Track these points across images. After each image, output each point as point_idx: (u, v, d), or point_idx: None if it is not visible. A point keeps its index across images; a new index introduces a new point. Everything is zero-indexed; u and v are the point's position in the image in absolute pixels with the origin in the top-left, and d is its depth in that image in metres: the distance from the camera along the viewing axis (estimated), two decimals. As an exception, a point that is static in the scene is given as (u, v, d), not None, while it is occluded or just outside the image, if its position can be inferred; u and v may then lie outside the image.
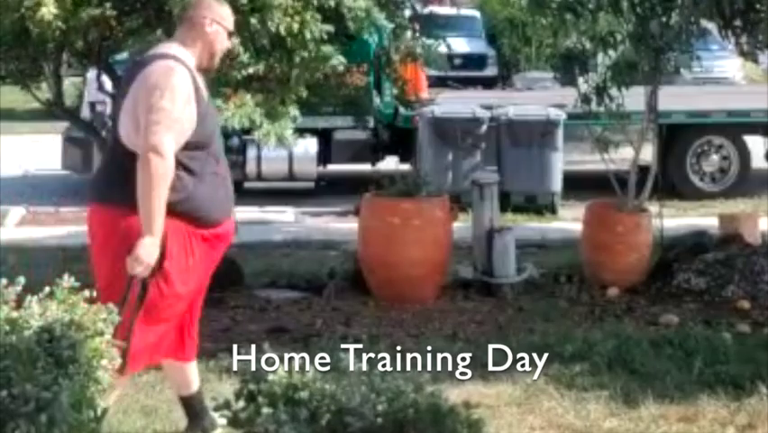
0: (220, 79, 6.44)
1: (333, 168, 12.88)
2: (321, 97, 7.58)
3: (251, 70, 6.49)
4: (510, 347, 6.51)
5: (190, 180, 4.59)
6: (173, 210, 4.51)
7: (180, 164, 4.52)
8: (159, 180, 4.37)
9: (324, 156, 12.53)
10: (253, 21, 6.14)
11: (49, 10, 6.09)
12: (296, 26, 6.20)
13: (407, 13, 9.33)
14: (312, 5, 6.32)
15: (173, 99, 4.43)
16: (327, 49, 6.45)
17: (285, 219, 11.25)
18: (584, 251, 8.38)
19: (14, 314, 3.99)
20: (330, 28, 6.37)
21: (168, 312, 4.70)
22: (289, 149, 6.88)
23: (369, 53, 11.19)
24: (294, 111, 6.65)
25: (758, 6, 7.52)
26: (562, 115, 11.61)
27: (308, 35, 6.31)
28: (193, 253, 4.68)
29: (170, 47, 4.68)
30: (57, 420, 3.75)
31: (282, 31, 6.23)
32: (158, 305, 4.60)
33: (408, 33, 9.60)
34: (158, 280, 4.54)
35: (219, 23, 4.73)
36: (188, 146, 4.55)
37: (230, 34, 4.83)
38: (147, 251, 4.43)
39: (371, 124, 12.48)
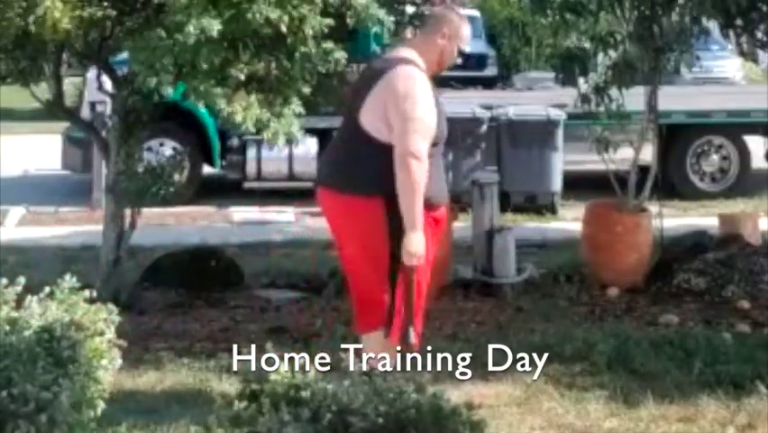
0: (220, 80, 6.44)
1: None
2: (322, 97, 7.56)
3: (251, 69, 6.48)
4: (510, 347, 6.52)
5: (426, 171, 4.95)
6: None
7: None
8: (419, 182, 4.83)
9: (325, 156, 12.53)
10: (249, 16, 6.13)
11: (58, 8, 6.09)
12: (287, 18, 6.18)
13: (410, 9, 9.31)
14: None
15: (424, 108, 4.91)
16: (328, 45, 6.44)
17: (285, 219, 11.25)
18: (584, 251, 8.38)
19: (14, 314, 4.00)
20: (330, 21, 6.36)
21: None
22: (291, 148, 6.90)
23: (370, 51, 11.18)
24: (297, 108, 6.65)
25: (760, 5, 7.52)
26: (562, 115, 11.61)
27: (309, 31, 6.30)
28: (428, 235, 5.01)
29: (409, 52, 5.10)
30: (57, 420, 3.75)
31: (283, 27, 6.22)
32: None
33: (409, 31, 9.59)
34: None
35: (452, 41, 5.12)
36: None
37: (461, 52, 5.17)
38: (417, 244, 4.85)
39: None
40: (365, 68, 5.54)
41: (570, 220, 10.78)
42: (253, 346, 5.61)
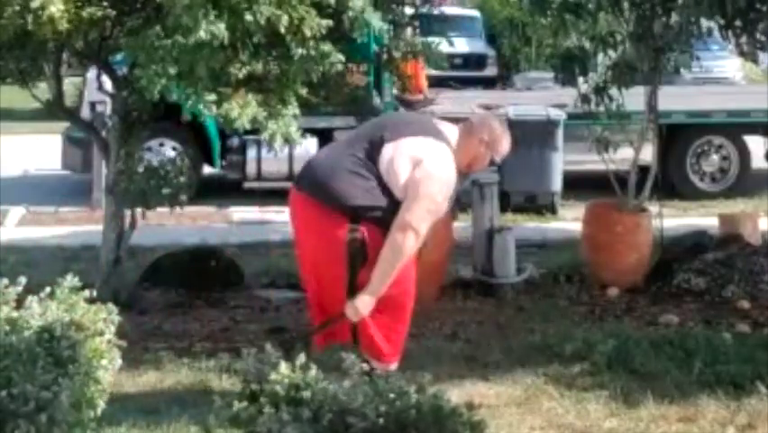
0: (219, 79, 6.44)
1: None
2: (322, 97, 7.56)
3: (250, 69, 6.48)
4: (510, 347, 6.52)
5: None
6: None
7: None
8: (406, 256, 4.87)
9: (325, 156, 12.51)
10: (248, 17, 6.13)
11: (57, 8, 6.09)
12: (286, 19, 6.18)
13: (408, 10, 9.31)
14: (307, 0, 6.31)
15: (444, 196, 4.93)
16: (327, 47, 6.44)
17: (285, 219, 11.22)
18: (584, 251, 8.38)
19: (14, 314, 4.00)
20: (329, 22, 6.36)
21: None
22: (293, 147, 6.91)
23: (369, 52, 11.18)
24: (294, 109, 6.64)
25: (759, 6, 7.51)
26: (562, 115, 11.60)
27: (307, 32, 6.30)
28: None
29: (451, 133, 5.08)
30: (57, 420, 3.76)
31: (281, 28, 6.22)
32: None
33: (409, 31, 9.59)
34: None
35: (489, 149, 5.09)
36: None
37: (492, 161, 5.18)
38: (366, 307, 4.89)
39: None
40: (407, 115, 5.50)
41: (570, 220, 10.78)
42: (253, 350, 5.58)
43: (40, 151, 14.40)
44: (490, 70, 21.56)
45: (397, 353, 5.10)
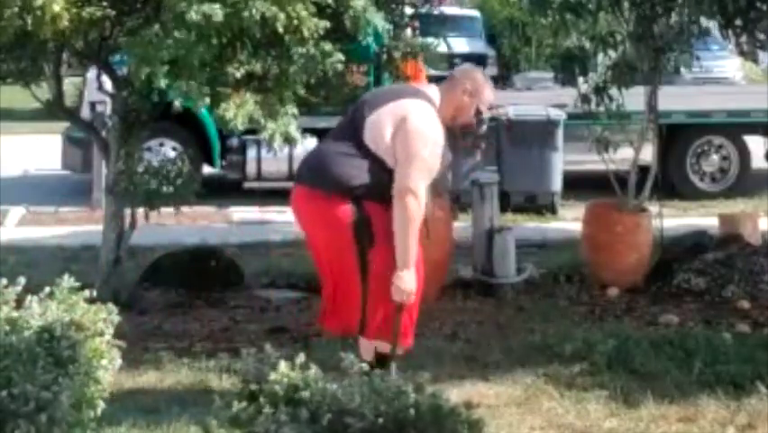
0: (218, 78, 6.44)
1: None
2: (322, 97, 7.56)
3: (248, 69, 6.48)
4: (510, 347, 6.52)
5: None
6: None
7: None
8: (414, 219, 4.91)
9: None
10: (246, 14, 6.13)
11: (60, 7, 6.09)
12: (283, 17, 6.17)
13: (408, 10, 9.31)
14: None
15: (432, 150, 4.95)
16: (327, 46, 6.44)
17: (285, 219, 11.24)
18: (584, 251, 8.38)
19: (14, 314, 3.99)
20: (326, 23, 6.36)
21: None
22: (294, 146, 6.91)
23: (369, 53, 11.18)
24: (293, 109, 6.63)
25: (759, 5, 7.52)
26: (562, 115, 11.60)
27: (305, 32, 6.30)
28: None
29: (433, 92, 5.14)
30: (57, 420, 3.75)
31: (279, 27, 6.22)
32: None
33: (408, 31, 9.60)
34: None
35: (473, 98, 5.17)
36: None
37: (478, 112, 5.22)
38: (408, 282, 4.96)
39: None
40: (383, 87, 5.58)
41: (570, 220, 10.78)
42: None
43: (40, 151, 14.40)
44: (490, 70, 21.50)
45: (408, 334, 5.18)
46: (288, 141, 6.66)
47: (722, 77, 19.53)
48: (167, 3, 6.14)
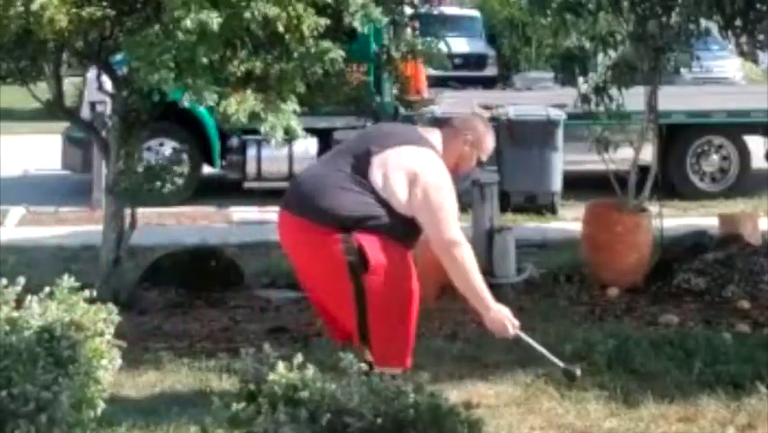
0: (218, 78, 6.44)
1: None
2: (322, 97, 7.56)
3: (249, 67, 6.48)
4: (510, 347, 6.51)
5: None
6: None
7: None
8: (470, 265, 4.87)
9: (325, 156, 12.51)
10: (247, 15, 6.13)
11: (58, 9, 6.10)
12: (284, 17, 6.18)
13: (408, 10, 9.31)
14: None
15: (452, 198, 4.96)
16: (326, 44, 6.44)
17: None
18: (584, 251, 8.38)
19: (14, 314, 4.00)
20: (326, 21, 6.36)
21: None
22: (295, 140, 6.91)
23: (369, 52, 11.18)
24: (293, 105, 6.63)
25: (758, 6, 7.52)
26: (562, 115, 11.60)
27: (306, 31, 6.30)
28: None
29: (436, 138, 5.08)
30: (57, 420, 3.76)
31: (279, 26, 6.23)
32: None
33: (408, 31, 9.60)
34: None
35: (474, 148, 5.16)
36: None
37: (479, 161, 5.23)
38: (494, 321, 4.92)
39: (371, 124, 12.46)
40: (390, 125, 5.49)
41: (570, 220, 10.78)
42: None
43: (40, 151, 14.40)
44: (490, 70, 21.54)
45: (403, 356, 5.02)
46: (289, 134, 6.64)
47: (722, 77, 19.52)
48: (167, 5, 6.14)
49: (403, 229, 4.89)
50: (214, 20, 6.00)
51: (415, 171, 4.86)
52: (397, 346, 4.96)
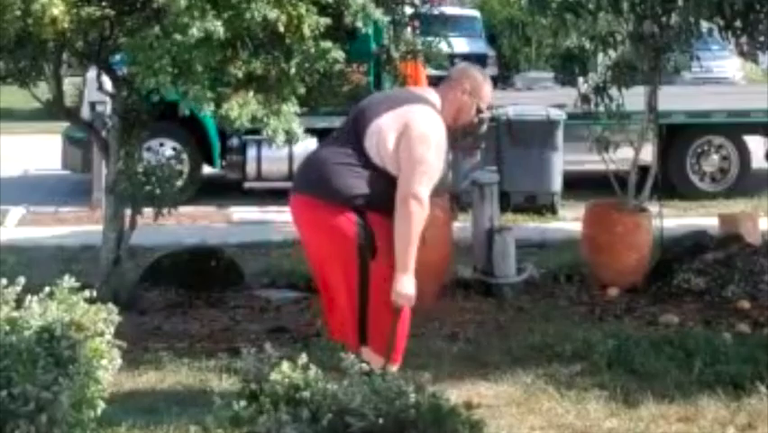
0: (219, 79, 6.44)
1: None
2: (322, 96, 7.56)
3: (249, 68, 6.49)
4: (510, 347, 6.52)
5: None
6: None
7: None
8: (417, 225, 4.84)
9: (324, 156, 12.50)
10: (248, 15, 6.13)
11: (59, 9, 6.10)
12: (285, 18, 6.18)
13: (408, 10, 9.31)
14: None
15: (436, 154, 4.90)
16: (326, 44, 6.44)
17: (285, 219, 11.23)
18: (584, 251, 8.38)
19: (14, 314, 4.00)
20: (327, 21, 6.36)
21: None
22: (295, 142, 6.90)
23: (369, 52, 11.19)
24: (294, 107, 6.63)
25: (758, 7, 7.52)
26: (562, 115, 11.60)
27: (306, 31, 6.30)
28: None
29: (434, 96, 5.09)
30: (57, 420, 3.75)
31: (280, 27, 6.23)
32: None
33: (408, 31, 9.60)
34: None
35: (472, 97, 5.13)
36: None
37: (479, 111, 5.18)
38: (407, 286, 4.88)
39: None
40: (382, 93, 5.50)
41: (570, 220, 10.78)
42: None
43: (40, 151, 14.40)
44: (490, 70, 21.48)
45: (400, 351, 5.05)
46: (291, 137, 6.65)
47: (722, 77, 19.53)
48: (169, 13, 6.11)
49: None
50: (219, 28, 6.01)
51: (405, 123, 4.89)
52: (389, 338, 4.96)
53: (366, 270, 4.88)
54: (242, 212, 11.70)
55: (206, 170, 12.69)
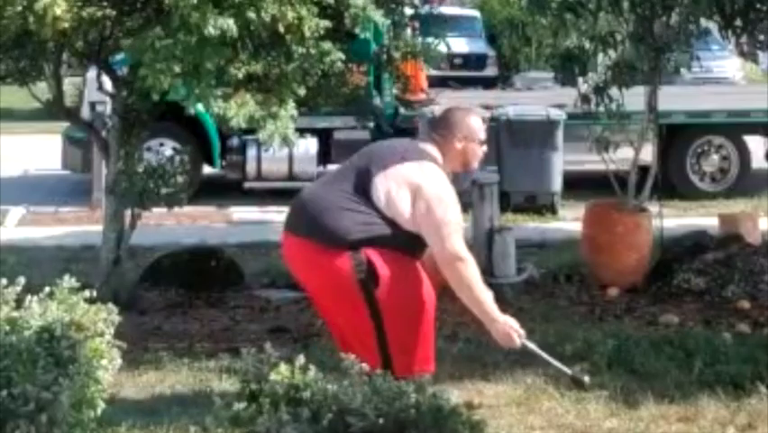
0: (219, 79, 6.44)
1: (333, 168, 12.87)
2: (322, 97, 7.56)
3: (250, 69, 6.48)
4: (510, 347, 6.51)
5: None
6: None
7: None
8: (473, 279, 4.83)
9: (324, 156, 12.52)
10: (250, 15, 6.13)
11: (61, 9, 6.09)
12: (290, 16, 6.18)
13: (408, 11, 9.31)
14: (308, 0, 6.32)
15: (455, 209, 4.89)
16: (326, 45, 6.44)
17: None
18: (584, 251, 8.38)
19: (14, 314, 4.00)
20: (327, 23, 6.36)
21: None
22: (290, 148, 6.86)
23: (369, 53, 11.19)
24: (292, 110, 6.62)
25: (758, 6, 7.52)
26: (562, 115, 11.60)
27: (307, 32, 6.30)
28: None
29: (433, 150, 5.03)
30: (57, 420, 3.75)
31: (280, 27, 6.23)
32: None
33: (408, 31, 9.61)
34: None
35: (468, 139, 5.07)
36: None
37: (482, 143, 5.12)
38: (500, 331, 4.87)
39: (371, 124, 12.47)
40: (386, 143, 5.43)
41: (570, 220, 10.78)
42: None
43: (40, 151, 14.40)
44: (490, 70, 21.53)
45: (425, 362, 4.94)
46: (286, 142, 6.65)
47: (722, 77, 19.53)
48: (175, 8, 6.10)
49: (410, 244, 4.84)
50: (233, 27, 6.00)
51: (417, 186, 4.83)
52: (418, 355, 4.89)
53: (373, 301, 4.77)
54: (241, 212, 11.70)
55: (206, 170, 12.68)
